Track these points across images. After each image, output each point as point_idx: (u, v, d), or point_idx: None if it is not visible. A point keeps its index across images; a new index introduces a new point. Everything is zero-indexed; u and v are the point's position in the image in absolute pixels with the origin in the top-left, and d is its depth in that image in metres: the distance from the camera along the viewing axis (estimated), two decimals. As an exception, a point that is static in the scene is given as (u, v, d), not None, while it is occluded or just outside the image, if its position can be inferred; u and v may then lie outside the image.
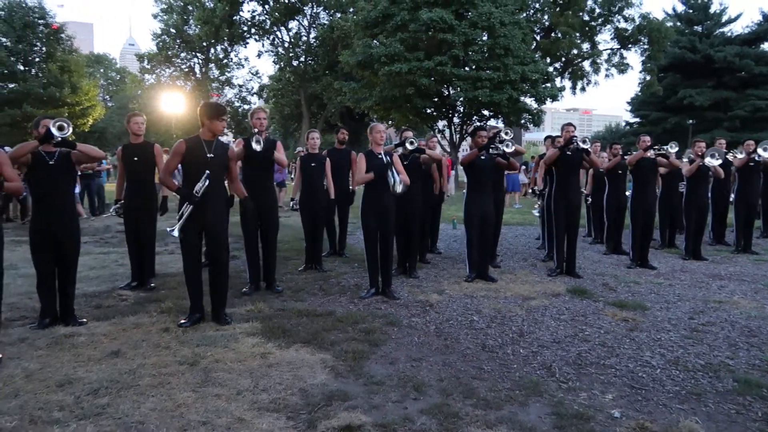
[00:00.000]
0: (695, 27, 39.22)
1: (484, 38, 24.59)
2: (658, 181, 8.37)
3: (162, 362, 3.80)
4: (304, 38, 40.25)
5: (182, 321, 4.62)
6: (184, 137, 4.79)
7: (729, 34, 38.89)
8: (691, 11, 39.51)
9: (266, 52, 42.19)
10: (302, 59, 40.41)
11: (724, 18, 39.13)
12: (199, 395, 3.30)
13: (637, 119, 43.36)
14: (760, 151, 8.86)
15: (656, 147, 7.62)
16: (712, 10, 39.16)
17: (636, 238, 7.54)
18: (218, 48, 43.44)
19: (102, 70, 60.73)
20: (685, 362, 3.99)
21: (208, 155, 4.52)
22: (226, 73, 45.73)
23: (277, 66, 42.27)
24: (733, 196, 9.16)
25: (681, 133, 34.30)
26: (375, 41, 25.68)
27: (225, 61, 44.77)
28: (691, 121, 35.96)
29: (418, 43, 24.86)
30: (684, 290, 6.22)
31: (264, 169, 5.81)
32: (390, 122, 28.64)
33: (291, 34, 40.28)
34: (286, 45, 40.34)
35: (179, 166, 4.65)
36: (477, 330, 4.68)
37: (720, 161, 8.01)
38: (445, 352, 4.17)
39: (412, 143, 6.33)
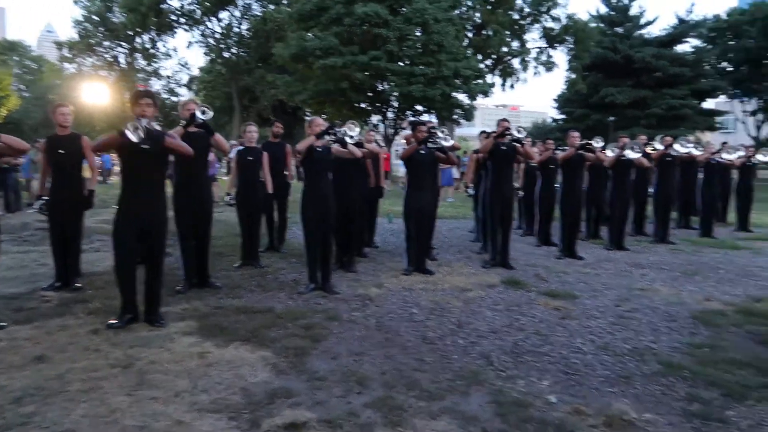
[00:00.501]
0: (616, 28, 41.05)
1: (418, 34, 24.84)
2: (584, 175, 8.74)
3: (92, 366, 3.61)
4: (236, 29, 39.25)
5: (112, 322, 4.41)
6: (108, 130, 4.57)
7: (647, 35, 40.99)
8: (612, 13, 41.33)
9: (196, 42, 41.13)
10: (234, 51, 39.40)
11: (643, 20, 41.19)
12: (134, 399, 3.17)
13: (563, 116, 44.99)
14: (677, 146, 9.44)
15: (584, 142, 7.95)
16: (631, 13, 41.13)
17: (565, 230, 7.86)
18: (145, 37, 41.69)
19: (16, 58, 56.85)
20: (614, 347, 4.20)
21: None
22: (153, 64, 44.02)
23: (208, 57, 41.04)
24: (652, 189, 9.70)
25: (602, 129, 35.84)
26: (309, 34, 25.42)
27: (152, 51, 43.03)
28: (612, 118, 37.68)
29: (353, 37, 24.81)
30: (609, 279, 6.54)
31: (198, 163, 5.61)
32: (324, 116, 28.45)
33: (222, 24, 39.20)
34: (217, 36, 39.21)
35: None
36: (417, 322, 4.74)
37: (639, 154, 8.47)
38: (386, 345, 4.19)
39: (351, 137, 6.30)
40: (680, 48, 41.01)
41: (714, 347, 4.22)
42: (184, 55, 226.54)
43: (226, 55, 39.36)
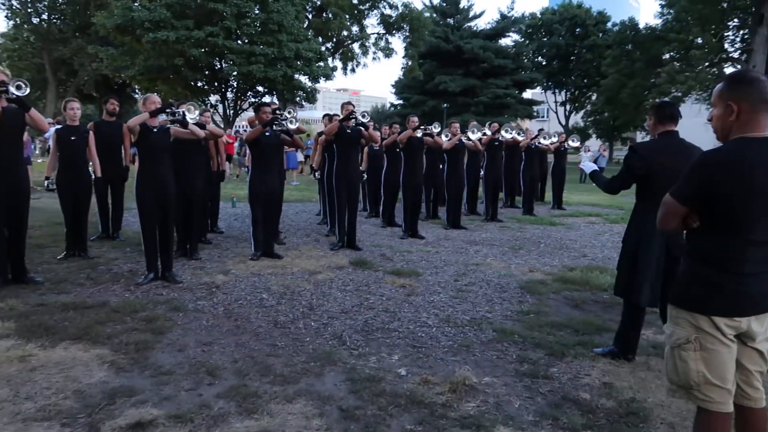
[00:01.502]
0: (448, 19, 43.56)
1: (257, 12, 24.09)
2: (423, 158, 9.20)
3: None
4: (47, -8, 34.81)
5: None
6: None
7: (475, 28, 44.04)
8: (444, 4, 43.72)
9: (-4, 5, 35.49)
10: (45, 17, 34.92)
11: (471, 14, 44.14)
12: (-62, 416, 2.73)
13: (401, 101, 46.85)
14: (503, 132, 10.31)
15: (422, 127, 8.34)
16: (461, 5, 43.84)
17: (407, 211, 8.21)
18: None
19: None
20: (455, 319, 4.51)
21: None
22: (-61, 26, 37.49)
23: (12, 22, 35.91)
24: (482, 172, 10.50)
25: (437, 115, 38.00)
26: (136, 4, 23.38)
27: (-63, 10, 36.63)
28: (445, 105, 40.08)
29: (187, 10, 23.33)
30: (448, 256, 6.98)
31: (12, 142, 4.90)
32: (157, 94, 26.50)
33: (29, -15, 34.47)
34: (24, -1, 34.46)
35: None
36: (267, 307, 4.67)
37: (479, 135, 9.14)
38: (236, 332, 4.07)
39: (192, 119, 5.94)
40: (503, 41, 44.71)
41: (538, 313, 4.73)
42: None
43: (35, 20, 34.75)
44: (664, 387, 2.41)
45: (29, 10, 34.21)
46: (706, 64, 30.96)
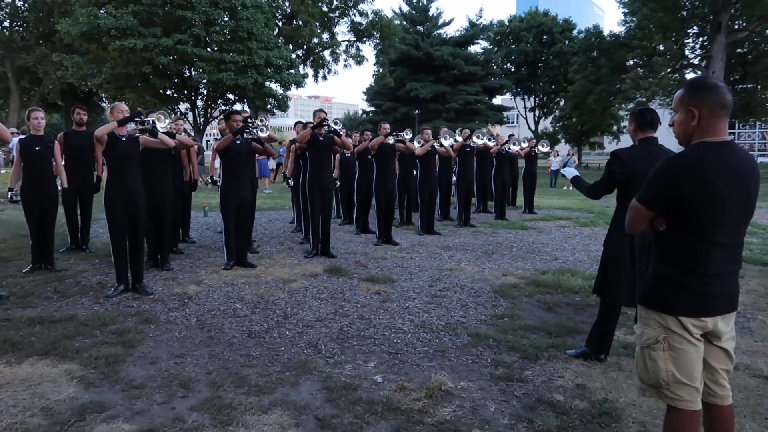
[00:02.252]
0: (418, 27, 43.89)
1: (226, 19, 23.91)
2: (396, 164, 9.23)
3: None
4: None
5: None
6: None
7: (444, 35, 44.46)
8: (414, 12, 44.07)
9: (-46, 11, 34.51)
10: (6, 24, 34.07)
11: (440, 21, 44.57)
12: None
13: (373, 108, 46.99)
14: (474, 138, 10.41)
15: (394, 133, 8.38)
16: (430, 13, 44.24)
17: (380, 217, 8.23)
18: None
19: None
20: (430, 325, 4.53)
21: None
22: None
23: (-29, 29, 34.95)
24: (455, 177, 10.59)
25: (409, 121, 38.23)
26: (102, 11, 22.97)
27: None
28: (417, 111, 40.34)
29: (154, 18, 23.01)
30: (423, 261, 7.01)
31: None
32: (126, 103, 26.05)
33: (-11, -8, 33.64)
34: (-17, 5, 33.59)
35: None
36: (241, 317, 4.62)
37: (452, 141, 9.22)
38: (210, 344, 4.02)
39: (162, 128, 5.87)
40: (472, 49, 45.22)
41: (512, 316, 4.78)
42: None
43: (-4, 28, 33.91)
44: (635, 386, 2.46)
45: (-10, 17, 33.38)
46: (668, 70, 31.82)
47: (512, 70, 47.74)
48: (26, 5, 33.41)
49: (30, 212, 6.01)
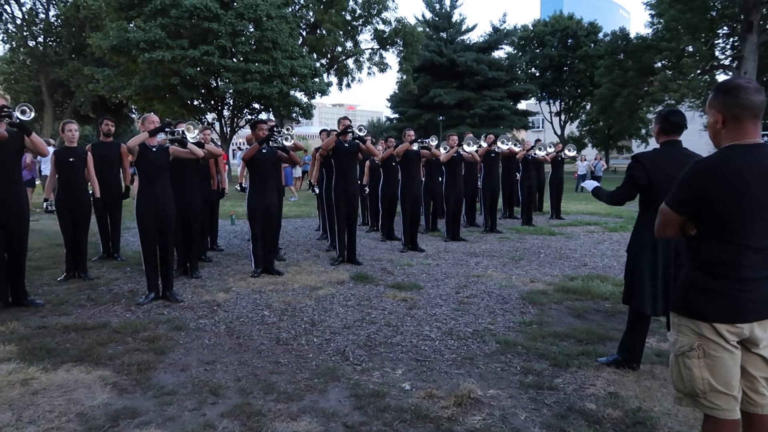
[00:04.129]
0: (441, 33, 43.93)
1: (251, 30, 24.27)
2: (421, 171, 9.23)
3: None
4: (42, 15, 34.97)
5: None
6: None
7: (468, 41, 44.40)
8: (437, 19, 44.13)
9: (-9, 28, 35.60)
10: (41, 40, 35.08)
11: (464, 27, 44.52)
12: (-59, 442, 2.71)
13: (396, 115, 47.10)
14: (499, 143, 10.35)
15: (419, 140, 8.37)
16: (453, 19, 44.24)
17: (406, 224, 8.22)
18: None
19: None
20: (458, 332, 4.50)
21: None
22: (-65, 51, 37.58)
23: (8, 46, 36.07)
24: (480, 183, 10.53)
25: (433, 128, 38.23)
26: (131, 25, 23.54)
27: (-66, 36, 36.72)
28: (441, 117, 40.31)
29: (182, 30, 23.49)
30: (449, 268, 6.98)
31: (10, 165, 4.90)
32: (155, 113, 26.58)
33: (24, 9, 34.67)
34: (19, 22, 34.62)
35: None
36: (269, 324, 4.66)
37: (475, 147, 9.18)
38: (239, 350, 4.06)
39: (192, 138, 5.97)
40: (496, 54, 45.07)
41: (541, 323, 4.72)
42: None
43: (31, 43, 34.91)
44: (671, 395, 2.41)
45: (25, 33, 34.37)
46: (698, 71, 31.23)
47: (537, 74, 47.43)
48: (59, 21, 34.35)
49: (64, 222, 6.17)
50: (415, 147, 8.13)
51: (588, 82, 42.83)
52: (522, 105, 47.84)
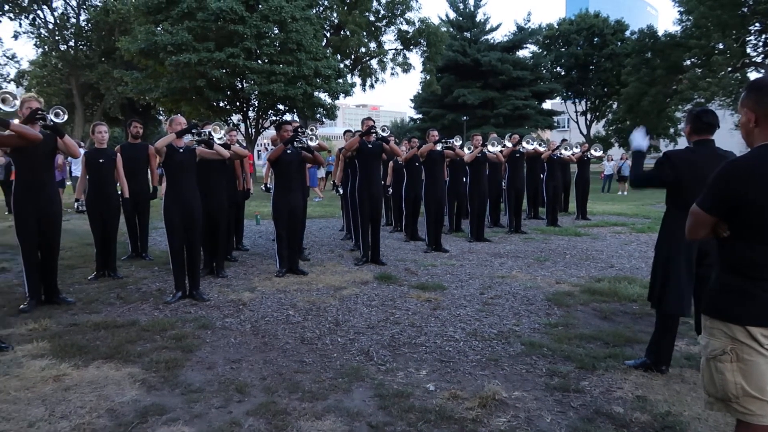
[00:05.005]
0: (465, 33, 43.73)
1: (276, 32, 24.49)
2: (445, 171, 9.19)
3: None
4: (73, 20, 35.81)
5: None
6: None
7: (492, 41, 44.12)
8: (461, 18, 43.93)
9: (25, 33, 36.62)
10: (72, 44, 35.91)
11: (488, 26, 44.25)
12: (-22, 436, 2.79)
13: (420, 115, 47.04)
14: (524, 143, 10.26)
15: (443, 140, 8.34)
16: (477, 19, 43.99)
17: (430, 224, 8.20)
18: (-42, 25, 36.50)
19: None
20: (482, 333, 4.47)
21: None
22: (-28, 55, 38.71)
23: (40, 50, 37.00)
24: (504, 183, 10.46)
25: (457, 128, 38.04)
26: (159, 28, 23.96)
27: (-30, 41, 37.80)
28: (465, 117, 40.12)
29: (208, 33, 23.82)
30: (473, 269, 6.94)
31: (44, 166, 5.03)
32: (181, 115, 27.00)
33: (56, 14, 35.52)
34: (51, 26, 35.49)
35: None
36: (294, 324, 4.69)
37: (499, 147, 9.12)
38: (264, 349, 4.10)
39: (219, 138, 6.05)
40: (521, 53, 44.68)
41: (567, 325, 4.66)
42: (10, 46, 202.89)
43: (62, 47, 35.76)
44: (701, 400, 2.36)
45: (57, 38, 35.25)
46: (729, 69, 30.54)
47: (562, 73, 46.89)
48: (90, 25, 35.12)
49: (94, 222, 6.30)
50: (438, 147, 8.11)
51: (614, 80, 42.16)
52: (547, 104, 47.33)
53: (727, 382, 2.04)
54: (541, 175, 11.24)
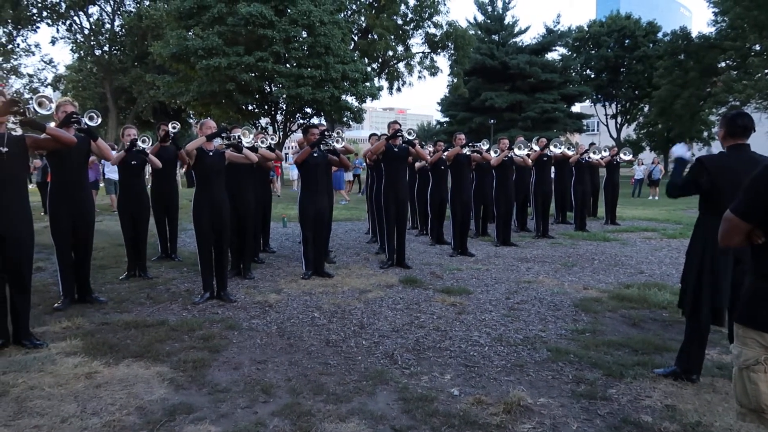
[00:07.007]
0: (493, 36, 43.47)
1: (304, 36, 24.70)
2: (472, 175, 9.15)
3: (-41, 397, 3.23)
4: (108, 26, 36.68)
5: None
6: None
7: (520, 43, 43.77)
8: (489, 21, 43.69)
9: (62, 38, 37.59)
10: (106, 49, 36.79)
11: (516, 29, 43.92)
12: (13, 430, 2.87)
13: (447, 119, 46.89)
14: (551, 147, 10.15)
15: (470, 144, 8.31)
16: (506, 22, 43.71)
17: (456, 228, 8.17)
18: (0, 31, 37.70)
19: None
20: (507, 338, 4.44)
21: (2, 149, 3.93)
22: (12, 61, 39.86)
23: (76, 55, 37.99)
24: (532, 187, 10.35)
25: (484, 132, 37.90)
26: (190, 33, 24.38)
27: (10, 47, 39.02)
28: (492, 120, 39.87)
29: (238, 37, 24.14)
30: (499, 273, 6.89)
31: (78, 168, 5.17)
32: (211, 119, 27.42)
33: (92, 20, 36.43)
34: (87, 32, 36.41)
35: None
36: (319, 326, 4.72)
37: (526, 150, 9.05)
38: (289, 351, 4.13)
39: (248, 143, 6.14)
40: (550, 56, 44.22)
41: (594, 332, 4.60)
42: (48, 51, 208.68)
43: (97, 52, 36.65)
44: (733, 410, 2.30)
45: (92, 43, 36.13)
46: (766, 71, 29.74)
47: (592, 76, 46.29)
48: (123, 31, 35.94)
49: (125, 223, 6.44)
50: (465, 151, 8.08)
51: (646, 83, 41.46)
52: (576, 108, 46.70)
53: (760, 392, 1.99)
54: (570, 179, 11.10)
